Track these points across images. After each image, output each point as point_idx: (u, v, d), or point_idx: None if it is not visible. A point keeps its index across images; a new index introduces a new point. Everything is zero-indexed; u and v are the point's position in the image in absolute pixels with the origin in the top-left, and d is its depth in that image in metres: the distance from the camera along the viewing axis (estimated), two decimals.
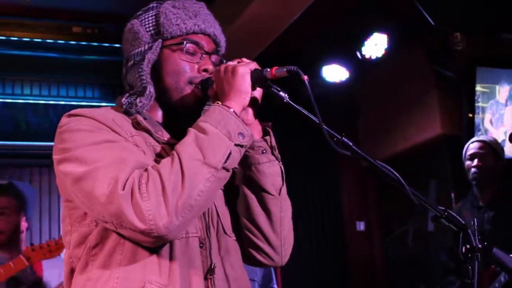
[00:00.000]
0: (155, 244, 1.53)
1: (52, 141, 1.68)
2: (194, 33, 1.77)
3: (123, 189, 1.45)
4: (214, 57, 1.81)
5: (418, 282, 5.82)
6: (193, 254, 1.62)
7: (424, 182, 6.02)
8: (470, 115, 5.45)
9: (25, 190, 3.57)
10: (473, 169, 4.02)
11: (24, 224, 3.48)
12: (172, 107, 1.76)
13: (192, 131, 1.55)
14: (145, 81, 1.71)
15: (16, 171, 5.61)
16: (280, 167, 1.78)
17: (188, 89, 1.74)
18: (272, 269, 3.49)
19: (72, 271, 1.65)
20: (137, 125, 1.69)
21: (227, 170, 1.55)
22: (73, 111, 1.66)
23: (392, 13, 5.24)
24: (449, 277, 3.98)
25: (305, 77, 1.58)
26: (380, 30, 5.26)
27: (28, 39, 5.44)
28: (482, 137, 4.24)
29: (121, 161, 1.51)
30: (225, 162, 1.53)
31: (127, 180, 1.46)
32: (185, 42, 1.74)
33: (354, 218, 6.89)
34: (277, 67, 1.63)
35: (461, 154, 4.18)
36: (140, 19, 1.80)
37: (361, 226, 6.87)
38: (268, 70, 1.64)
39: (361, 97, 6.87)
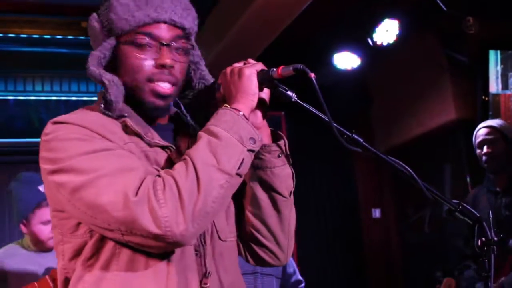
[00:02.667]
0: (165, 250, 1.51)
1: None
2: (146, 24, 1.60)
3: (136, 195, 1.41)
4: (180, 43, 1.67)
5: (434, 269, 5.80)
6: (188, 262, 1.59)
7: (439, 167, 6.00)
8: (485, 98, 5.40)
9: None
10: (484, 157, 3.95)
11: None
12: (142, 106, 1.67)
13: (204, 136, 1.52)
14: (97, 72, 1.59)
15: (31, 168, 5.62)
16: (291, 169, 1.78)
17: (147, 88, 1.63)
18: (293, 261, 3.47)
19: (66, 281, 1.61)
20: (126, 129, 1.60)
21: (240, 176, 1.54)
22: (59, 118, 1.58)
23: None
24: (465, 262, 3.96)
25: (312, 75, 1.56)
26: (391, 16, 5.21)
27: (37, 36, 5.46)
28: (489, 122, 4.14)
29: (126, 168, 1.47)
30: (239, 168, 1.51)
31: (139, 187, 1.42)
32: (135, 37, 1.61)
33: (370, 205, 6.88)
34: (283, 66, 1.61)
35: None
36: (98, 13, 1.66)
37: (376, 213, 6.86)
38: (274, 69, 1.61)
39: (373, 84, 6.83)
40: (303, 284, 3.43)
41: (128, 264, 1.52)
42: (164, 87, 1.64)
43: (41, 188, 3.47)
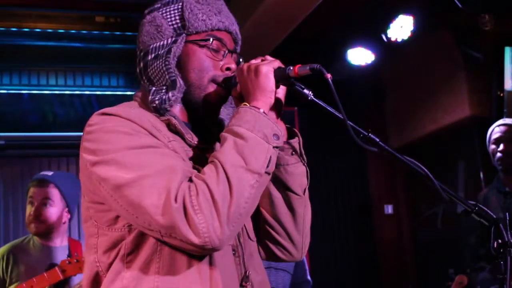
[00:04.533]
0: (204, 254, 1.51)
1: (79, 131, 1.62)
2: (218, 29, 1.74)
3: (176, 201, 1.41)
4: (235, 54, 1.79)
5: (447, 266, 5.78)
6: (228, 262, 1.60)
7: (453, 163, 5.97)
8: (500, 93, 5.36)
9: (69, 181, 3.57)
10: (498, 154, 3.90)
11: (66, 215, 3.51)
12: (193, 105, 1.72)
13: (229, 138, 1.52)
14: (173, 74, 1.66)
15: (44, 162, 5.66)
16: (306, 167, 1.77)
17: (211, 88, 1.70)
18: (305, 260, 3.46)
19: (96, 275, 1.60)
20: (169, 127, 1.65)
21: (269, 174, 1.54)
22: (106, 110, 1.60)
23: None
24: (480, 263, 3.93)
25: (329, 75, 1.54)
26: (406, 12, 5.19)
27: (51, 30, 5.46)
28: (508, 121, 4.10)
29: (170, 170, 1.47)
30: (267, 166, 1.51)
31: (178, 192, 1.43)
32: (211, 38, 1.72)
33: (382, 202, 6.86)
34: (300, 65, 1.59)
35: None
36: (161, 12, 1.75)
37: (389, 209, 6.84)
38: (291, 68, 1.60)
39: (387, 80, 6.81)
40: (310, 285, 3.42)
41: (171, 262, 1.51)
42: None
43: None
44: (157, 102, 1.64)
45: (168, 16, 1.74)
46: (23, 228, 5.44)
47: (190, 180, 1.47)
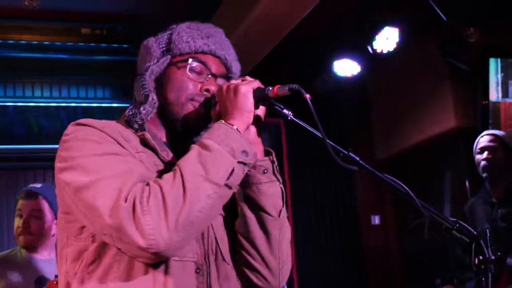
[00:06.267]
0: (153, 260, 1.50)
1: None
2: (203, 52, 1.77)
3: (125, 201, 1.43)
4: (222, 81, 1.78)
5: (434, 276, 5.80)
6: (188, 279, 1.59)
7: (439, 174, 5.99)
8: (485, 102, 5.39)
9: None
10: (483, 162, 3.95)
11: (55, 228, 3.47)
12: (173, 123, 1.74)
13: (195, 147, 1.53)
14: (147, 90, 1.71)
15: (30, 175, 5.63)
16: (281, 188, 1.75)
17: (190, 106, 1.72)
18: None
19: (68, 285, 1.62)
20: (143, 142, 1.67)
21: (230, 188, 1.53)
22: (81, 120, 1.64)
23: (403, 7, 5.19)
24: (467, 273, 3.94)
25: (307, 96, 1.56)
26: (391, 24, 5.21)
27: (37, 42, 5.46)
28: (492, 131, 4.16)
29: (126, 172, 1.50)
30: (228, 179, 1.51)
31: (129, 193, 1.44)
32: (191, 59, 1.74)
33: (369, 212, 6.87)
34: (279, 85, 1.61)
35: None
36: (156, 37, 1.82)
37: (376, 220, 6.84)
38: (270, 88, 1.62)
39: (373, 91, 6.83)
40: None
41: (127, 271, 1.53)
42: None
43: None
44: (127, 116, 1.71)
45: (160, 41, 1.80)
46: (8, 241, 5.41)
47: (148, 184, 1.48)
